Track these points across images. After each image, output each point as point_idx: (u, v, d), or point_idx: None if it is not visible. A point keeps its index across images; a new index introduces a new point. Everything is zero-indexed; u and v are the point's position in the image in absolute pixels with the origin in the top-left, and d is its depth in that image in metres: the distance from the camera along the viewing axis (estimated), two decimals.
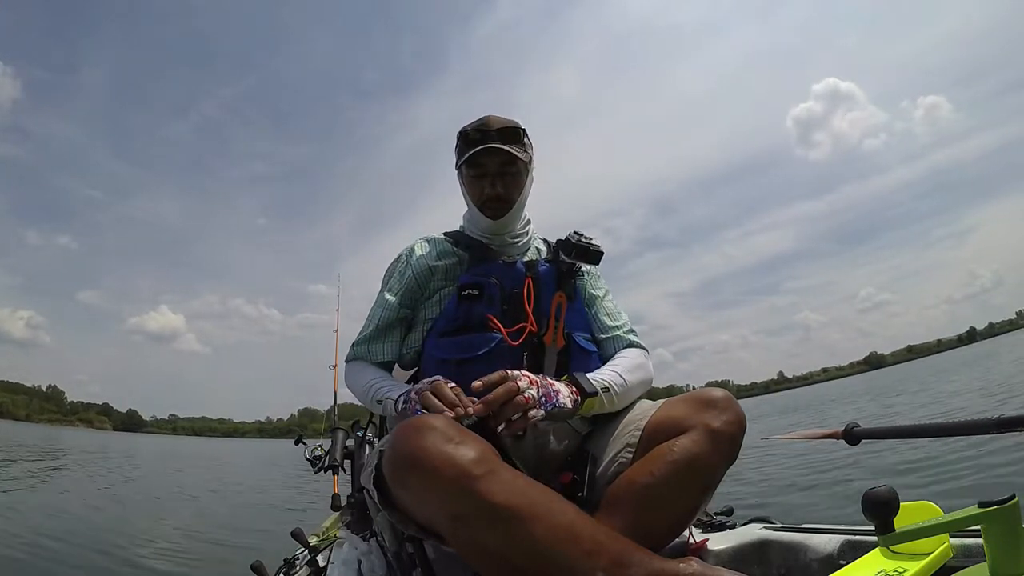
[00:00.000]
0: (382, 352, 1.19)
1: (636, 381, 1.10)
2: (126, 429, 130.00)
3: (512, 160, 1.14)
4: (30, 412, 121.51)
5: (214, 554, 3.96)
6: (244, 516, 5.99)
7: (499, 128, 1.13)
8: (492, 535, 0.69)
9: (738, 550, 1.14)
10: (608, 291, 1.26)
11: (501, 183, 1.15)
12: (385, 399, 1.05)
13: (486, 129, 1.13)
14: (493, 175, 1.15)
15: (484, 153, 1.12)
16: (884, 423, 1.21)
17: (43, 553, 3.67)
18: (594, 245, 1.13)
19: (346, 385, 1.25)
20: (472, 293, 1.08)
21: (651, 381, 1.16)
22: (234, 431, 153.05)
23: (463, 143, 1.15)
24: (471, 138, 1.14)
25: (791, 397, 34.77)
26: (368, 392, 1.11)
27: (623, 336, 1.20)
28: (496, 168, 1.15)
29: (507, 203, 1.17)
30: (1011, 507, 0.56)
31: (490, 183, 1.15)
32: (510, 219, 1.19)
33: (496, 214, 1.17)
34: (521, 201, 1.20)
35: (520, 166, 1.16)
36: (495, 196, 1.15)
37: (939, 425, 0.93)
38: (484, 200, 1.16)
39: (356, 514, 1.23)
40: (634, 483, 0.88)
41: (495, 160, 1.14)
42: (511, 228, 1.21)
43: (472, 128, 1.15)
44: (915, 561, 0.69)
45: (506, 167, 1.15)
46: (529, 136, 1.19)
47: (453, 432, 0.75)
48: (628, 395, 1.08)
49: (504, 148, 1.12)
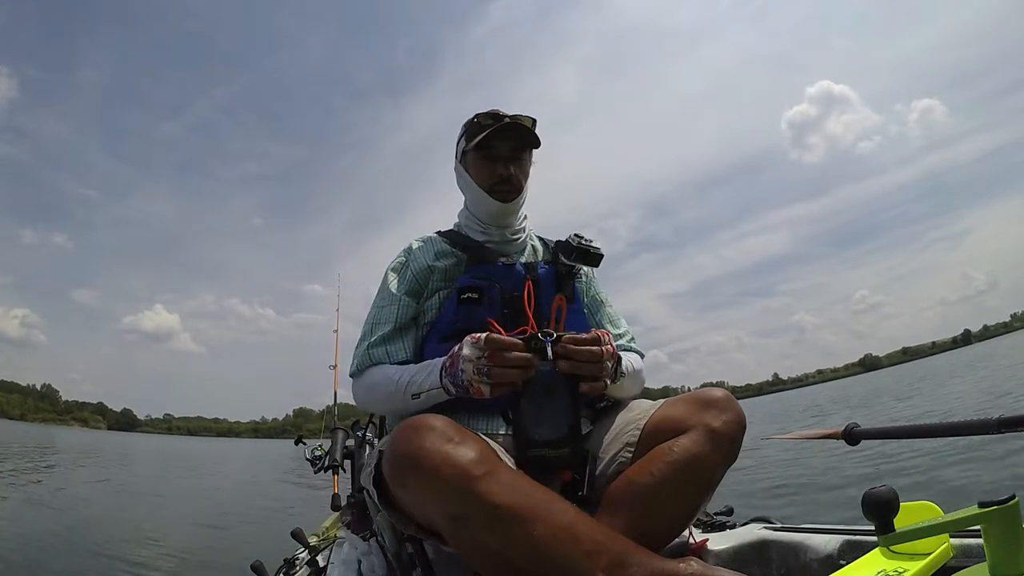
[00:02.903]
0: (403, 351, 1.10)
1: (636, 376, 1.14)
2: (121, 428, 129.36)
3: (524, 146, 1.17)
4: (25, 411, 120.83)
5: (214, 554, 3.95)
6: (244, 516, 5.97)
7: (513, 115, 1.16)
8: (492, 535, 0.69)
9: (738, 550, 1.14)
10: (608, 297, 1.28)
11: (514, 165, 1.17)
12: (426, 387, 0.98)
13: (499, 115, 1.16)
14: (505, 158, 1.16)
15: (496, 136, 1.13)
16: (885, 423, 1.21)
17: (42, 554, 3.65)
18: (594, 247, 1.12)
19: (361, 400, 1.14)
20: (472, 297, 1.07)
21: (643, 381, 1.19)
22: (229, 431, 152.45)
23: (475, 128, 1.16)
24: (483, 123, 1.15)
25: (784, 400, 34.71)
26: (400, 389, 1.01)
27: (626, 345, 1.23)
28: (508, 151, 1.16)
29: (517, 187, 1.18)
30: (1011, 507, 0.56)
31: (503, 164, 1.16)
32: (516, 205, 1.20)
33: (505, 197, 1.17)
34: (526, 190, 1.21)
35: (529, 154, 1.19)
36: (507, 177, 1.15)
37: (939, 425, 0.94)
38: (494, 182, 1.16)
39: (356, 514, 1.23)
40: (634, 483, 0.88)
41: (507, 144, 1.15)
42: (514, 217, 1.21)
43: (484, 114, 1.17)
44: (915, 561, 0.70)
45: (517, 152, 1.17)
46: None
47: (453, 432, 0.75)
48: (628, 386, 1.10)
49: (523, 126, 1.14)
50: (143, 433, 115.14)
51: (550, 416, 0.91)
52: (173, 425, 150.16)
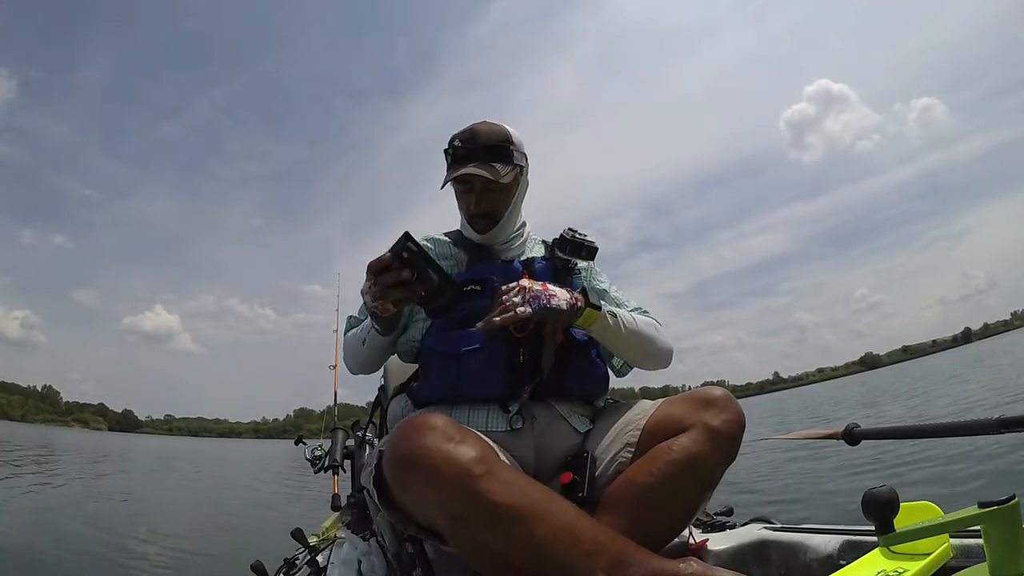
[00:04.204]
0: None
1: (645, 327, 1.12)
2: (122, 429, 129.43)
3: (496, 176, 1.10)
4: (26, 412, 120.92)
5: (214, 554, 3.96)
6: (244, 516, 5.98)
7: (486, 145, 1.10)
8: (492, 534, 0.69)
9: (738, 550, 1.14)
10: (611, 283, 1.26)
11: (486, 200, 1.13)
12: (366, 333, 1.12)
13: (473, 145, 1.10)
14: (479, 192, 1.13)
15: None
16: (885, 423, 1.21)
17: (42, 554, 3.66)
18: (588, 241, 1.13)
19: (345, 359, 1.24)
20: (475, 289, 1.08)
21: (665, 344, 1.16)
22: (230, 431, 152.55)
23: (451, 158, 1.12)
24: (457, 155, 1.11)
25: (784, 399, 34.50)
26: (356, 340, 1.16)
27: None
28: (481, 186, 1.12)
29: (493, 219, 1.15)
30: (1011, 507, 0.56)
31: (475, 200, 1.13)
32: (498, 232, 1.18)
33: (483, 229, 1.16)
34: (511, 212, 1.18)
35: (506, 184, 1.13)
36: (480, 213, 1.14)
37: (939, 425, 0.94)
38: (470, 216, 1.16)
39: (356, 514, 1.23)
40: (634, 483, 0.88)
41: (479, 180, 1.10)
42: (501, 238, 1.19)
43: (459, 142, 1.11)
44: (915, 561, 0.70)
45: (491, 184, 1.11)
46: (519, 142, 1.15)
47: (453, 431, 0.75)
48: (635, 335, 1.09)
49: (482, 175, 1.08)
50: (144, 434, 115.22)
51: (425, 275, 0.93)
52: (174, 426, 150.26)
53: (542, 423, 1.03)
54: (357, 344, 1.16)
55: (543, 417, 1.04)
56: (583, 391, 1.12)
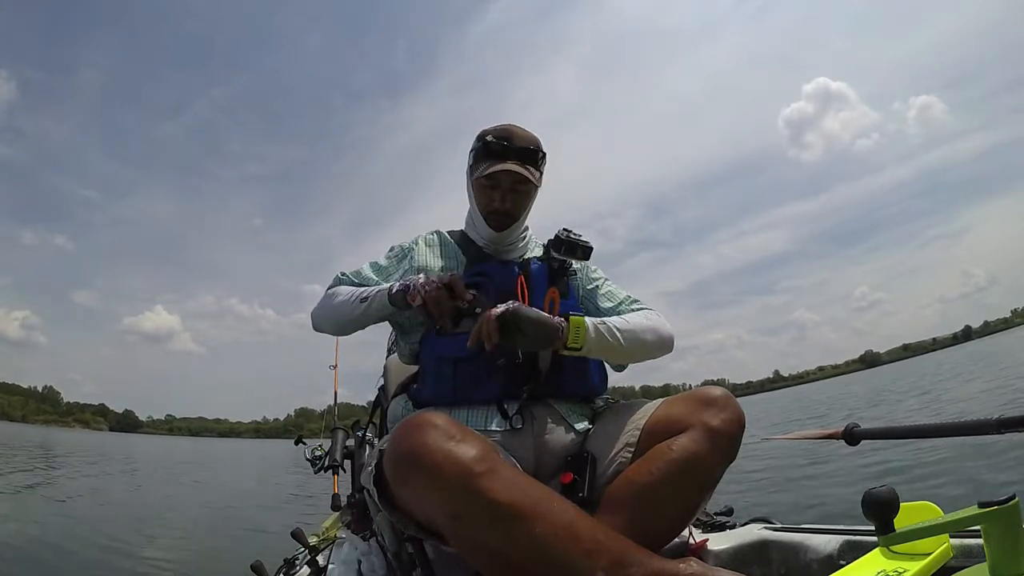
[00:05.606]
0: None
1: (639, 324, 1.11)
2: (122, 430, 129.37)
3: (526, 180, 1.14)
4: (26, 413, 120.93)
5: (214, 554, 3.96)
6: (244, 516, 5.98)
7: (522, 147, 1.13)
8: (493, 533, 0.69)
9: (738, 550, 1.14)
10: (606, 279, 1.27)
11: (511, 199, 1.16)
12: (374, 294, 1.11)
13: (509, 145, 1.13)
14: (505, 190, 1.15)
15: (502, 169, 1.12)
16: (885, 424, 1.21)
17: (42, 554, 3.66)
18: (583, 241, 1.13)
19: (315, 314, 1.22)
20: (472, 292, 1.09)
21: (663, 333, 1.15)
22: (230, 431, 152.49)
23: (484, 152, 1.14)
24: (492, 150, 1.13)
25: (784, 399, 34.38)
26: (355, 296, 1.14)
27: (626, 309, 1.20)
28: (509, 184, 1.15)
29: (513, 218, 1.18)
30: (1011, 507, 0.56)
31: (500, 197, 1.15)
32: (511, 232, 1.21)
33: (500, 226, 1.18)
34: (525, 215, 1.22)
35: (532, 186, 1.17)
36: (503, 211, 1.16)
37: (939, 425, 0.94)
38: (491, 211, 1.17)
39: (356, 514, 1.23)
40: (634, 482, 0.88)
41: (510, 177, 1.13)
42: (510, 239, 1.22)
43: (495, 139, 1.13)
44: (915, 561, 0.70)
45: (519, 185, 1.15)
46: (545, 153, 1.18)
47: (454, 430, 0.75)
48: (635, 334, 1.09)
49: (523, 173, 1.12)
50: (145, 434, 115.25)
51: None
52: (174, 426, 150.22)
53: (542, 423, 1.04)
54: (350, 302, 1.14)
55: (542, 417, 1.05)
56: (582, 390, 1.12)
